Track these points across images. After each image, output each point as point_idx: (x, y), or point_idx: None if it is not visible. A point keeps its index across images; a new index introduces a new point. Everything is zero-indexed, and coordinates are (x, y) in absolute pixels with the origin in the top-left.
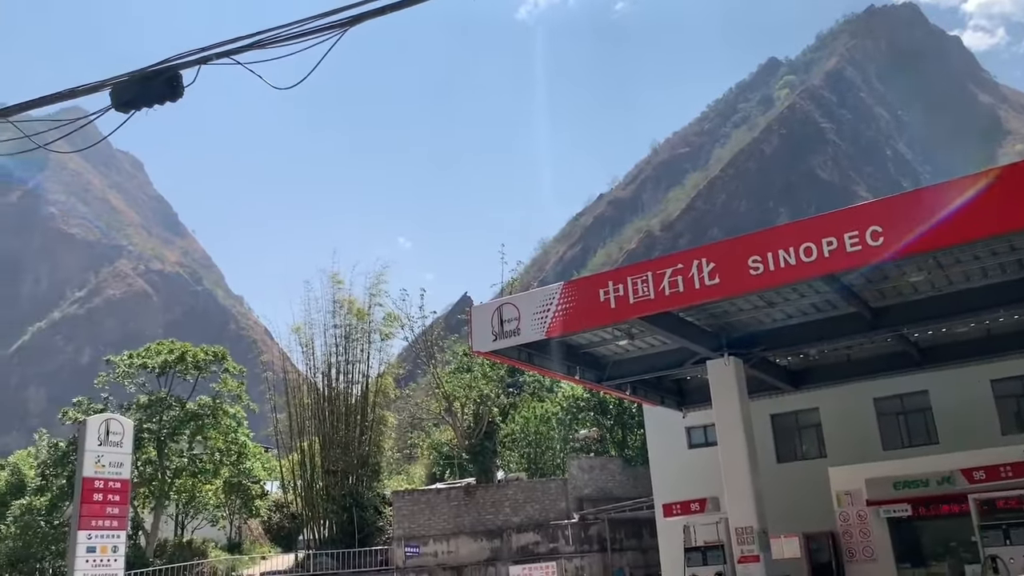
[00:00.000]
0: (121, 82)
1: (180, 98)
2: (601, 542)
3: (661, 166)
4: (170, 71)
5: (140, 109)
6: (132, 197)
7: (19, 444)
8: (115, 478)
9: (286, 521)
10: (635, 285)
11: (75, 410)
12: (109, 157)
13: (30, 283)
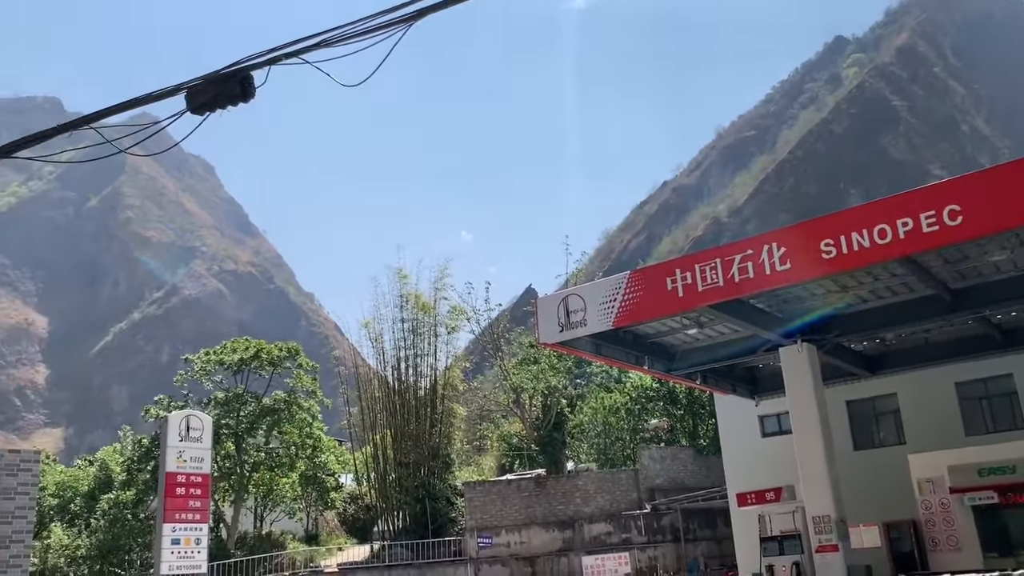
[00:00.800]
0: (195, 86)
1: (252, 99)
2: (674, 532)
3: (726, 150)
4: (242, 72)
5: (214, 111)
6: (204, 200)
7: (105, 441)
8: (196, 472)
9: (361, 513)
10: (703, 272)
11: (157, 407)
12: (181, 161)
13: (109, 286)
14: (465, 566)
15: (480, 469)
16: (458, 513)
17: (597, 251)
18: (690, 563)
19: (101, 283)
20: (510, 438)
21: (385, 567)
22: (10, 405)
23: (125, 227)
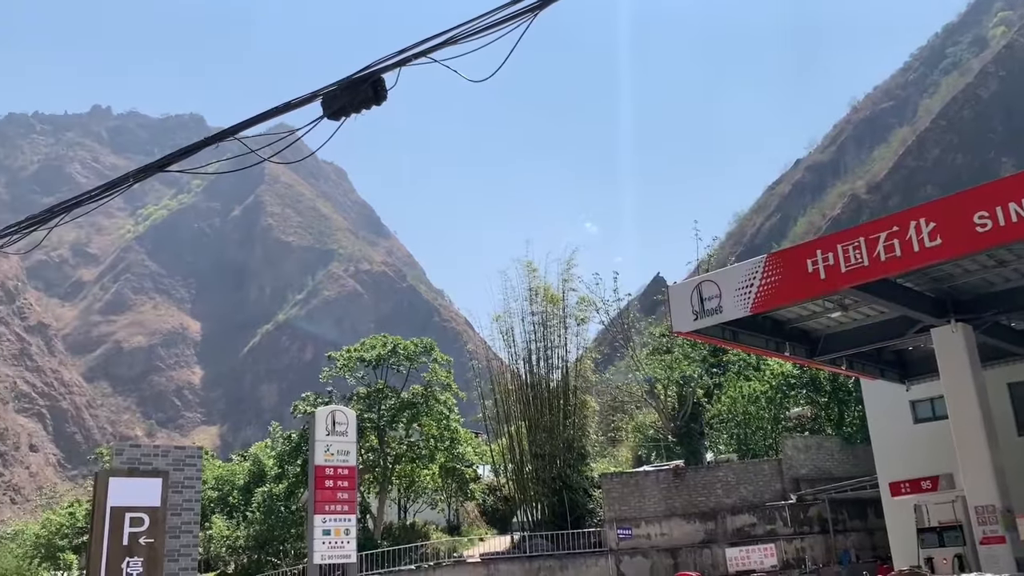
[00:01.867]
0: (330, 92)
1: (384, 101)
2: (822, 523)
3: (863, 124)
4: (373, 76)
5: (349, 116)
6: (338, 204)
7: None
8: (343, 465)
9: (500, 504)
10: (846, 252)
11: (304, 403)
12: (316, 168)
13: (256, 290)
14: (606, 557)
15: (616, 460)
16: (596, 504)
17: (728, 235)
18: (841, 555)
19: (247, 287)
20: (645, 429)
21: (527, 558)
22: (171, 405)
23: (267, 233)
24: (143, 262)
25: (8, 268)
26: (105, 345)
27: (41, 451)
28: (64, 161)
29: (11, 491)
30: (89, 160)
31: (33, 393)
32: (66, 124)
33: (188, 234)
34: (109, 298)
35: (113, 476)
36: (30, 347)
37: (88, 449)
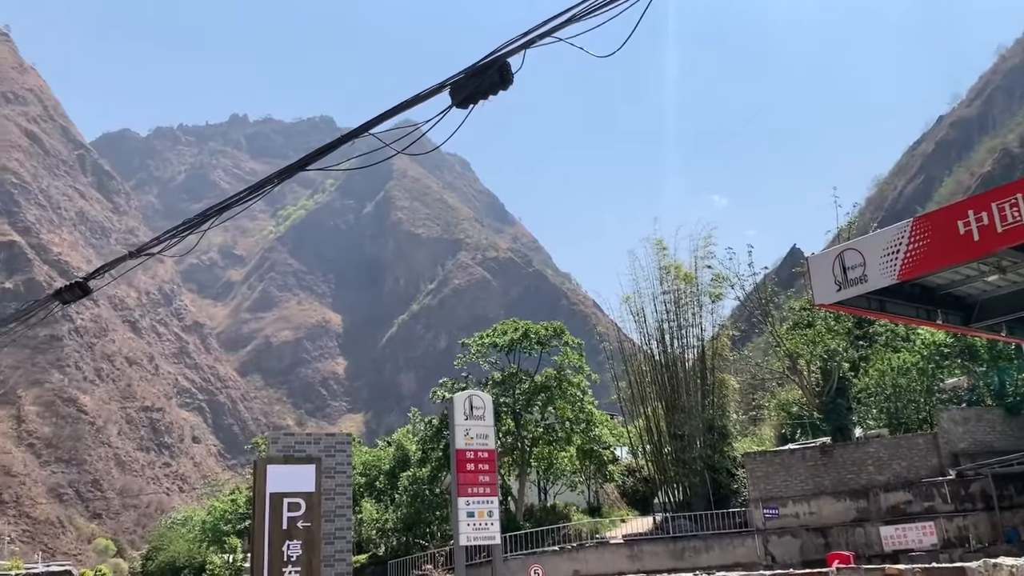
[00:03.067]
0: (457, 81)
1: (511, 85)
2: (985, 500)
3: (1012, 73)
4: (499, 60)
5: (476, 103)
6: (464, 194)
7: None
8: (482, 449)
9: (640, 485)
10: (1002, 211)
11: (441, 389)
12: (440, 160)
13: (391, 282)
14: (752, 537)
15: (759, 439)
16: (739, 485)
17: (868, 201)
18: (1008, 532)
19: (383, 280)
20: (789, 406)
21: (671, 539)
22: (318, 395)
23: (398, 227)
24: (285, 261)
25: (164, 273)
26: (255, 341)
27: (203, 442)
28: (208, 169)
29: (179, 480)
30: (231, 167)
31: (193, 388)
32: (208, 134)
33: (325, 232)
34: (256, 296)
35: (270, 464)
36: (188, 346)
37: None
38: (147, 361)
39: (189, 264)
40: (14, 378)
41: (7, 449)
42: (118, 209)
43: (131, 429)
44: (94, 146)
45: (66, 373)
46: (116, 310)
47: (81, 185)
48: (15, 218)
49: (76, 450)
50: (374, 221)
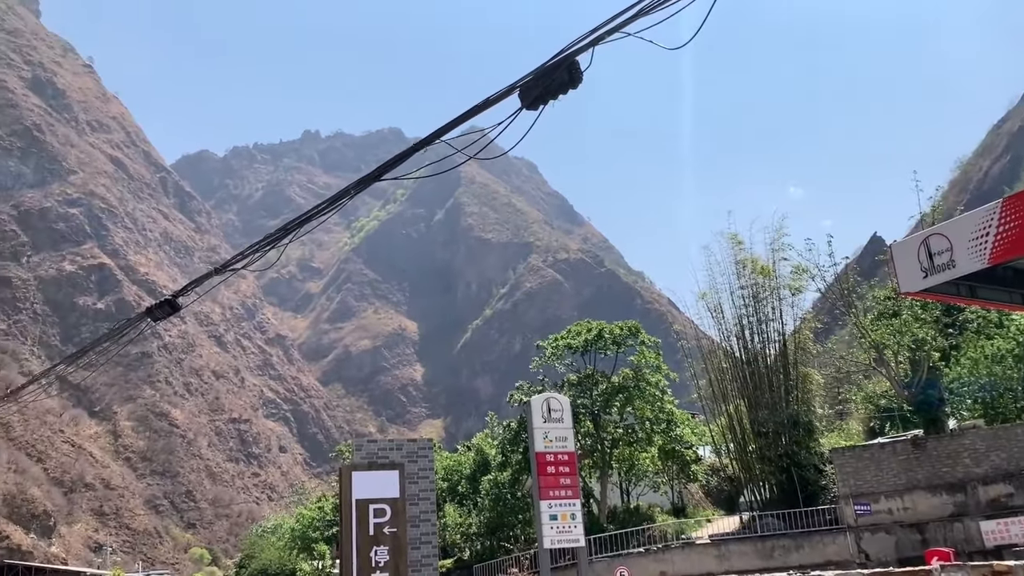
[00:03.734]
0: (526, 83)
1: (580, 84)
2: None
3: None
4: (568, 59)
5: (546, 103)
6: (531, 197)
7: (477, 427)
8: (562, 451)
9: (724, 484)
10: None
11: (518, 393)
12: (508, 165)
13: (463, 287)
14: (844, 534)
15: (847, 434)
16: (828, 481)
17: (951, 184)
18: None
19: (455, 286)
20: (876, 399)
21: (758, 538)
22: (397, 401)
23: (468, 233)
24: (361, 271)
25: (246, 288)
26: (335, 351)
27: (289, 452)
28: (284, 185)
29: (267, 489)
30: (305, 182)
31: (278, 399)
32: (282, 151)
33: (398, 241)
34: (335, 307)
35: (355, 471)
36: (271, 357)
37: (329, 447)
38: (233, 374)
39: (270, 278)
40: (110, 395)
41: (106, 463)
42: (200, 228)
43: (220, 441)
44: (175, 168)
45: (157, 388)
46: (202, 326)
47: (164, 207)
48: (104, 241)
49: (169, 462)
50: (445, 228)
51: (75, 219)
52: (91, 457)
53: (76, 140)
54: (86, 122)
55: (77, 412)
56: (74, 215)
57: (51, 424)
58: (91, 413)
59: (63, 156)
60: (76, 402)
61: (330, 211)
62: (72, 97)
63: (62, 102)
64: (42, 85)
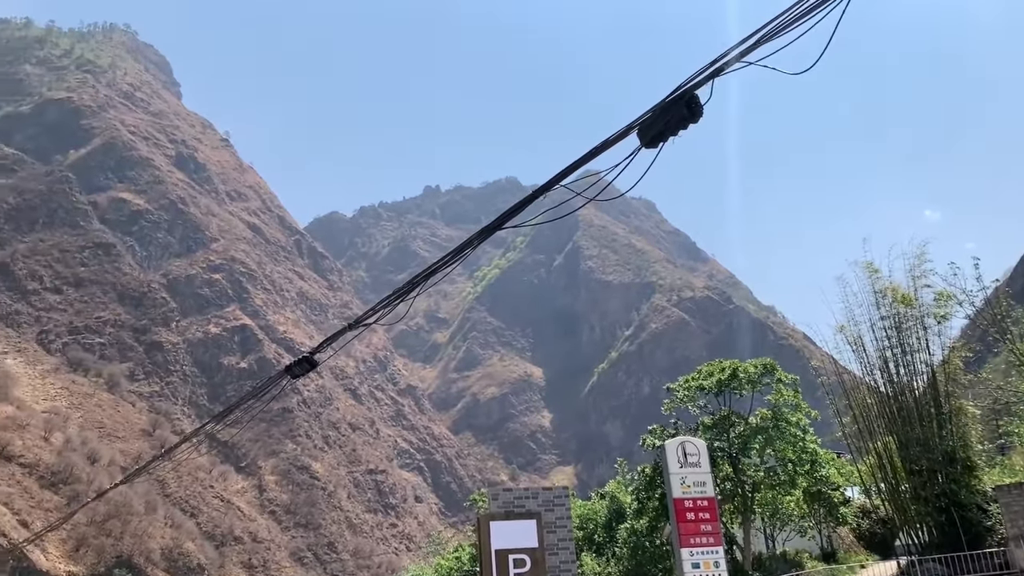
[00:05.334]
0: (644, 121)
1: (700, 117)
2: None
3: None
4: (687, 94)
5: (666, 140)
6: (652, 236)
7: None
8: (701, 497)
9: (876, 527)
10: None
11: (651, 437)
12: (625, 206)
13: (587, 331)
14: None
15: (1011, 470)
16: (994, 521)
17: None
18: None
19: (578, 330)
20: None
21: None
22: (527, 448)
23: (589, 276)
24: (485, 319)
25: (377, 341)
26: (464, 399)
27: (425, 501)
28: (408, 240)
29: (405, 540)
30: (428, 236)
31: (411, 449)
32: (406, 208)
33: (519, 288)
34: (461, 356)
35: (492, 520)
36: (404, 408)
37: (462, 496)
38: (368, 426)
39: (399, 331)
40: (254, 450)
41: (253, 517)
42: (332, 286)
43: (359, 492)
44: (308, 231)
45: (298, 442)
46: (338, 380)
47: (299, 267)
48: (245, 303)
49: (312, 515)
50: (565, 273)
51: (218, 284)
52: (239, 511)
53: (217, 210)
54: (225, 192)
55: (225, 468)
56: (217, 280)
57: (202, 480)
58: (238, 468)
59: (206, 225)
60: (224, 458)
61: (454, 263)
62: (212, 170)
63: (203, 175)
64: (185, 161)
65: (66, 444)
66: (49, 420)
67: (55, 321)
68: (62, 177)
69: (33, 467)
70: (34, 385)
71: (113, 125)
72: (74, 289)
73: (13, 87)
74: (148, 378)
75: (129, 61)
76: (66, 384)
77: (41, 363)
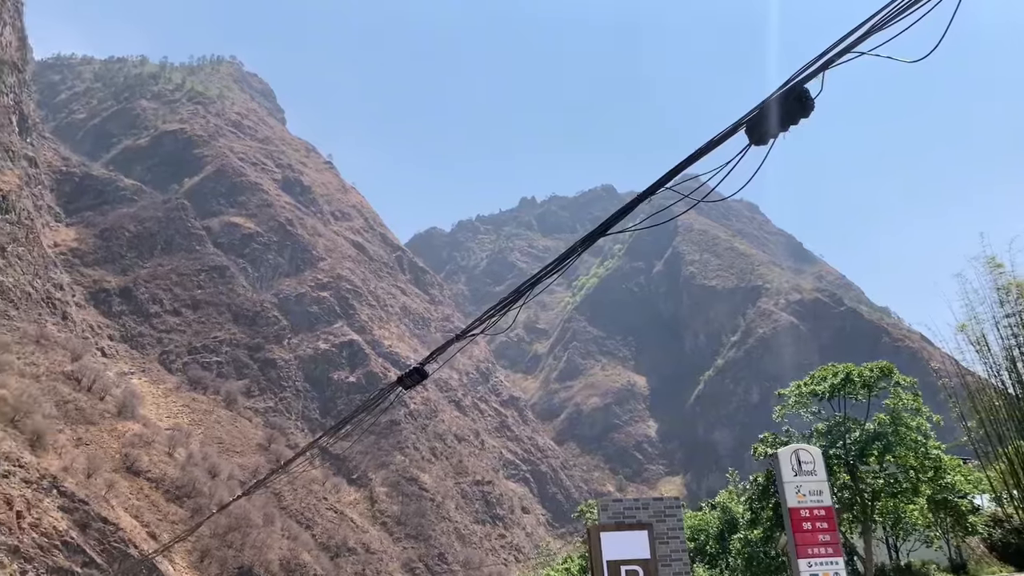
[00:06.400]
0: (752, 118)
1: (812, 112)
2: None
3: None
4: (796, 88)
5: (776, 137)
6: (755, 239)
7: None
8: (817, 506)
9: (1010, 536)
10: None
11: (762, 445)
12: (726, 208)
13: (691, 338)
14: None
15: None
16: None
17: None
18: None
19: (682, 337)
20: None
21: None
22: (633, 459)
23: (690, 282)
24: (585, 329)
25: (479, 353)
26: (567, 410)
27: (532, 512)
28: (506, 252)
29: (513, 550)
30: (525, 247)
31: (516, 460)
32: (502, 220)
33: (619, 296)
34: (562, 366)
35: (603, 531)
36: (507, 419)
37: (569, 507)
38: (473, 437)
39: (499, 342)
40: (365, 463)
41: (365, 528)
42: (434, 300)
43: (466, 503)
44: (408, 247)
45: (406, 454)
46: (442, 391)
47: (401, 283)
48: (352, 319)
49: (421, 526)
50: (666, 279)
51: (326, 301)
52: (352, 523)
53: (323, 230)
54: (330, 213)
55: (338, 480)
56: (325, 298)
57: (316, 492)
58: (349, 480)
59: (312, 245)
60: (336, 470)
61: (558, 271)
62: (317, 192)
63: (308, 197)
64: (291, 184)
65: (189, 459)
66: (173, 436)
67: (175, 342)
68: (178, 204)
69: (159, 482)
70: (158, 403)
71: (223, 153)
72: (192, 311)
73: (131, 121)
74: (263, 394)
75: (236, 91)
76: (187, 402)
77: (164, 382)
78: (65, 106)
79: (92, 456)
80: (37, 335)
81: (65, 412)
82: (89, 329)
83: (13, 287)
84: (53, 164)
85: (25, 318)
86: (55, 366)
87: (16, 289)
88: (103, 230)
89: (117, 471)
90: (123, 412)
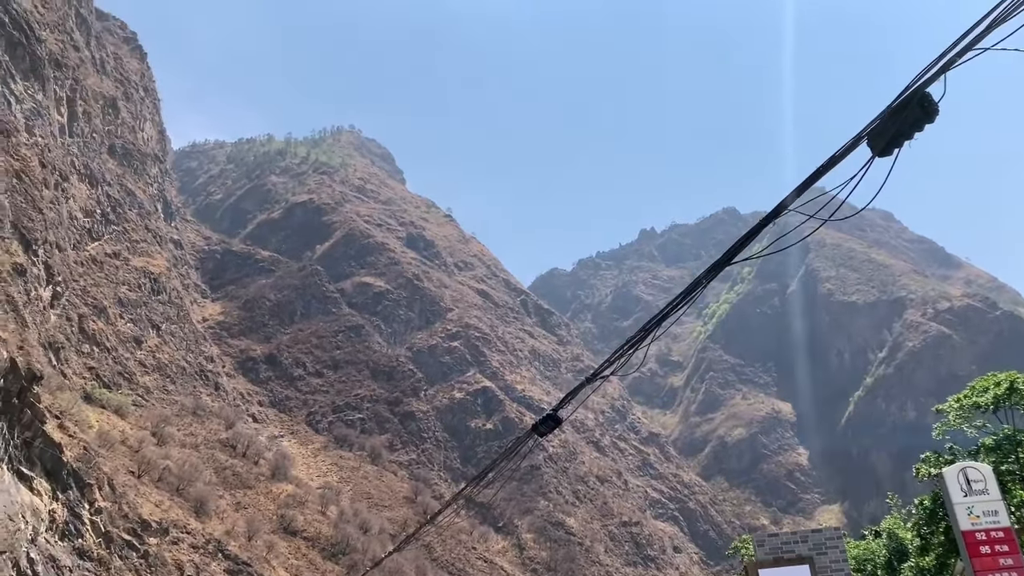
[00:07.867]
0: (874, 128)
1: (936, 116)
2: None
3: None
4: (917, 93)
5: (901, 146)
6: (893, 248)
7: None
8: (994, 528)
9: None
10: None
11: (925, 465)
12: (858, 219)
13: (834, 357)
14: None
15: None
16: None
17: None
18: None
19: (825, 357)
20: None
21: None
22: (786, 489)
23: (828, 299)
24: (721, 358)
25: (612, 390)
26: (710, 443)
27: (684, 551)
28: (630, 286)
29: None
30: (649, 279)
31: (663, 499)
32: (623, 255)
33: (753, 321)
34: (701, 398)
35: (762, 568)
36: (649, 457)
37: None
38: (616, 477)
39: (632, 378)
40: (510, 509)
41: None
42: (561, 340)
43: (615, 545)
44: (531, 290)
45: (550, 499)
46: (579, 433)
47: (528, 326)
48: (484, 367)
49: (572, 571)
50: (801, 299)
51: (457, 351)
52: (503, 571)
53: (448, 281)
54: (453, 264)
55: (484, 529)
56: (456, 347)
57: (464, 542)
58: (496, 528)
59: (440, 297)
60: (482, 519)
61: (686, 303)
62: (439, 245)
63: (432, 251)
64: (415, 240)
65: (341, 516)
66: (324, 495)
67: (319, 402)
68: (313, 271)
69: (315, 540)
70: (308, 464)
71: (350, 218)
72: (332, 371)
73: (263, 196)
74: (405, 447)
75: (357, 157)
76: (335, 460)
77: (312, 442)
78: (203, 189)
79: (251, 519)
80: (194, 406)
81: (224, 478)
82: (240, 397)
83: (169, 363)
84: (196, 244)
85: (182, 391)
86: (211, 435)
87: (172, 365)
88: (246, 301)
89: (275, 532)
90: (276, 474)
